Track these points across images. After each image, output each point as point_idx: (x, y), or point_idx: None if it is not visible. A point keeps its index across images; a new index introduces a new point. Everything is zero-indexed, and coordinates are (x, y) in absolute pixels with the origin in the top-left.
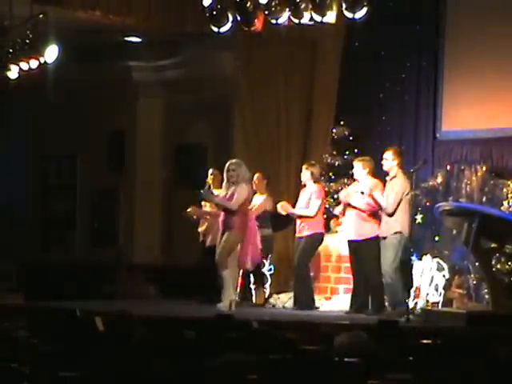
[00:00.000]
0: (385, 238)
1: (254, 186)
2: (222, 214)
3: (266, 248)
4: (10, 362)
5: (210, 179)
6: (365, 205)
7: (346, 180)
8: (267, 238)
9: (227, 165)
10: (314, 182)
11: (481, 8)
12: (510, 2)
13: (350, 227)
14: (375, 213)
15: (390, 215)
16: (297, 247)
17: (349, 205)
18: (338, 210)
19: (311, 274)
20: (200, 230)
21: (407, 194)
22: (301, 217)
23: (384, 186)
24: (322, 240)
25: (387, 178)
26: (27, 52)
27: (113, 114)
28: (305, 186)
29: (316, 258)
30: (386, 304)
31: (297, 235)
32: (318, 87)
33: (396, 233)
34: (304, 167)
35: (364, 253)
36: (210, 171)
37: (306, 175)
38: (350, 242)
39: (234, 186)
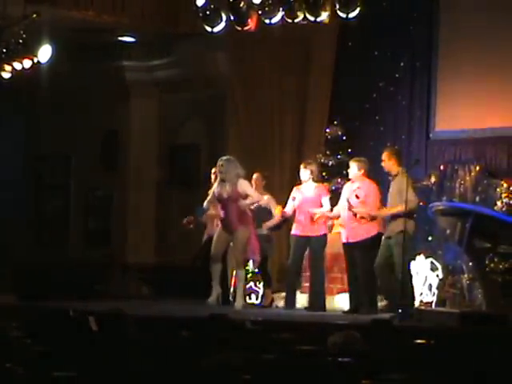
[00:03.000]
0: (390, 237)
1: (254, 185)
2: (228, 213)
3: (266, 248)
4: (4, 361)
5: (212, 179)
6: (363, 208)
7: (339, 180)
8: (268, 238)
9: (218, 162)
10: (314, 180)
11: (474, 8)
12: (504, 2)
13: (349, 229)
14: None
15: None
16: (301, 246)
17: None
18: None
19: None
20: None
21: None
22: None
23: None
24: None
25: (390, 178)
26: (21, 52)
27: (106, 114)
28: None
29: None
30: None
31: (301, 234)
32: (312, 87)
33: (401, 231)
34: (302, 166)
35: (361, 253)
36: (213, 170)
37: (306, 174)
38: (347, 243)
39: (226, 182)
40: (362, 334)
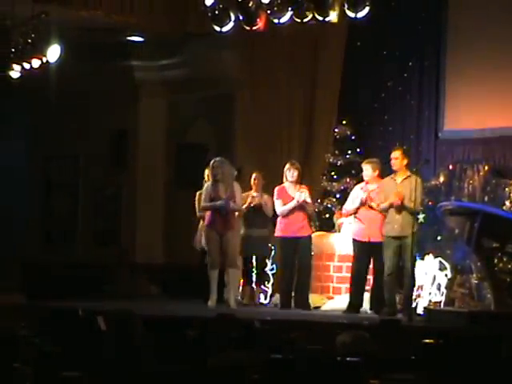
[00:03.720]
0: (400, 237)
1: (254, 185)
2: (221, 215)
3: (263, 248)
4: (12, 361)
5: (206, 179)
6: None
7: (348, 180)
8: (265, 238)
9: (211, 162)
10: (298, 181)
11: (482, 8)
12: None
13: (374, 228)
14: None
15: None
16: (291, 248)
17: (370, 207)
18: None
19: None
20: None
21: None
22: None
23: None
24: None
25: (397, 179)
26: (29, 51)
27: (115, 114)
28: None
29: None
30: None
31: (290, 235)
32: (320, 87)
33: (413, 233)
34: (289, 166)
35: (381, 253)
36: (207, 172)
37: (294, 175)
38: (370, 242)
39: (220, 183)
40: (371, 333)
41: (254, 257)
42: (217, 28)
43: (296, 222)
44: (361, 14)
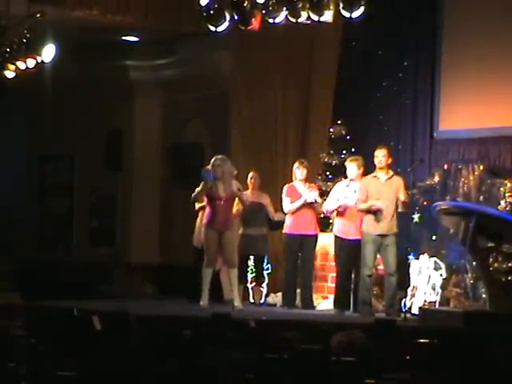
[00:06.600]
0: (385, 235)
1: (250, 185)
2: (219, 212)
3: (261, 247)
4: (7, 361)
5: None
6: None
7: (343, 179)
8: (263, 238)
9: (212, 160)
10: (307, 180)
11: (478, 7)
12: (508, 2)
13: (355, 226)
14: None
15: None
16: (297, 245)
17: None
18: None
19: None
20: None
21: None
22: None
23: None
24: None
25: (380, 178)
26: (24, 51)
27: (110, 114)
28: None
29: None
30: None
31: (297, 232)
32: (315, 86)
33: (395, 232)
34: (298, 164)
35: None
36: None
37: (303, 173)
38: (353, 240)
39: (220, 181)
40: (366, 333)
41: (251, 256)
42: (212, 28)
43: (304, 220)
44: (356, 14)
